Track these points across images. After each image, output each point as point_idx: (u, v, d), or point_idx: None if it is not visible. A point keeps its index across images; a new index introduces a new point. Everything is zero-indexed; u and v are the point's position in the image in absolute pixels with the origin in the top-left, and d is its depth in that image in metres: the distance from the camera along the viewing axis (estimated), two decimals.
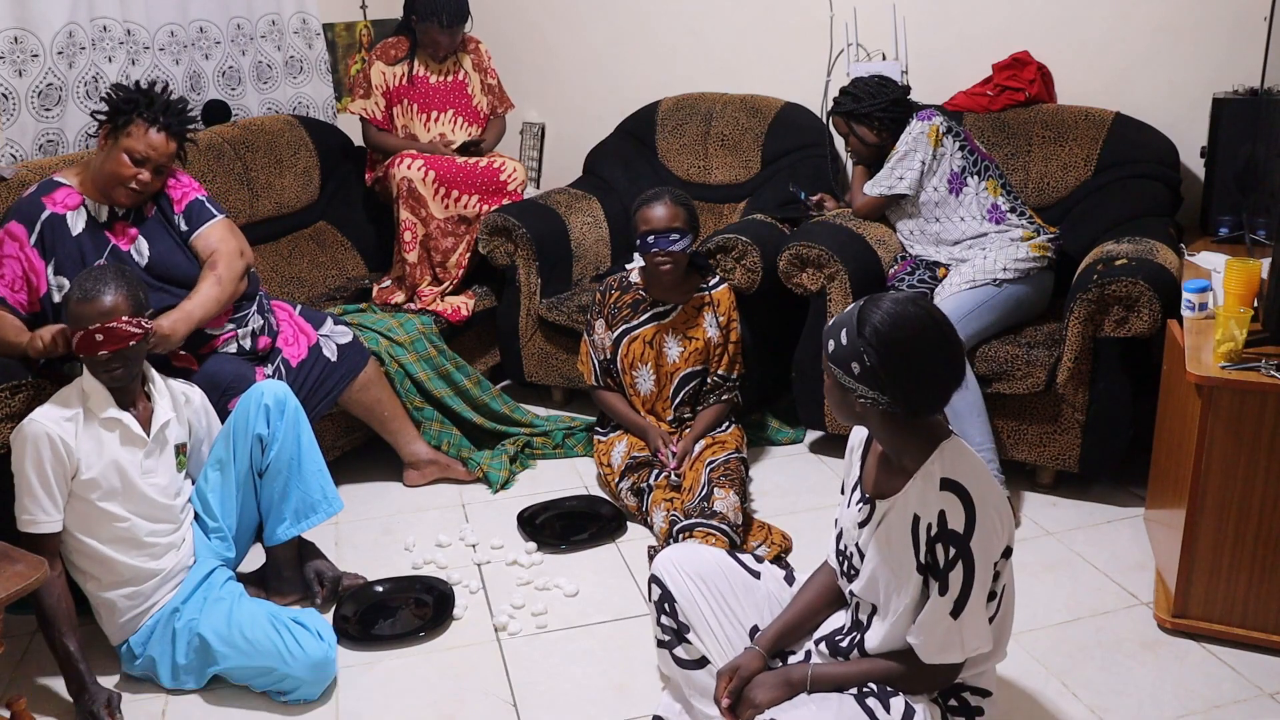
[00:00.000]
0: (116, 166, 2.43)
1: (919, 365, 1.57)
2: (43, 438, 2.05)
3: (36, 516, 2.07)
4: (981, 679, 1.74)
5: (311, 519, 2.41)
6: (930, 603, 1.60)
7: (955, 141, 2.99)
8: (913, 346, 1.56)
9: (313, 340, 2.86)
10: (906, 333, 1.56)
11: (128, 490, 2.15)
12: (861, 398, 1.60)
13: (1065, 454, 2.79)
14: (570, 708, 2.13)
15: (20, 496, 2.07)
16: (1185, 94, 3.21)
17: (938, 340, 1.59)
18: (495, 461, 3.12)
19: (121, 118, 2.43)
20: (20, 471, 2.06)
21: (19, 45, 2.95)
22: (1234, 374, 2.06)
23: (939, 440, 1.64)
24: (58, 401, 2.13)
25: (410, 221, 3.47)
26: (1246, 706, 2.06)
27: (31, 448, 2.05)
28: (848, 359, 1.59)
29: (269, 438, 2.35)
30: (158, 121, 2.45)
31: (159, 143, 2.45)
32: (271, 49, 3.82)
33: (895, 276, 3.02)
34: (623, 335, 2.98)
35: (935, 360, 1.59)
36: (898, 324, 1.56)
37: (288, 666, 2.11)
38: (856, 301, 1.65)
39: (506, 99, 3.81)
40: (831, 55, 3.71)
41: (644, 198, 2.90)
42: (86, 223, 2.46)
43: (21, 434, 2.06)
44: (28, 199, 2.45)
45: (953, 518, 1.57)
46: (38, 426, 2.05)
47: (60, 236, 2.42)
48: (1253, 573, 2.16)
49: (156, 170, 2.48)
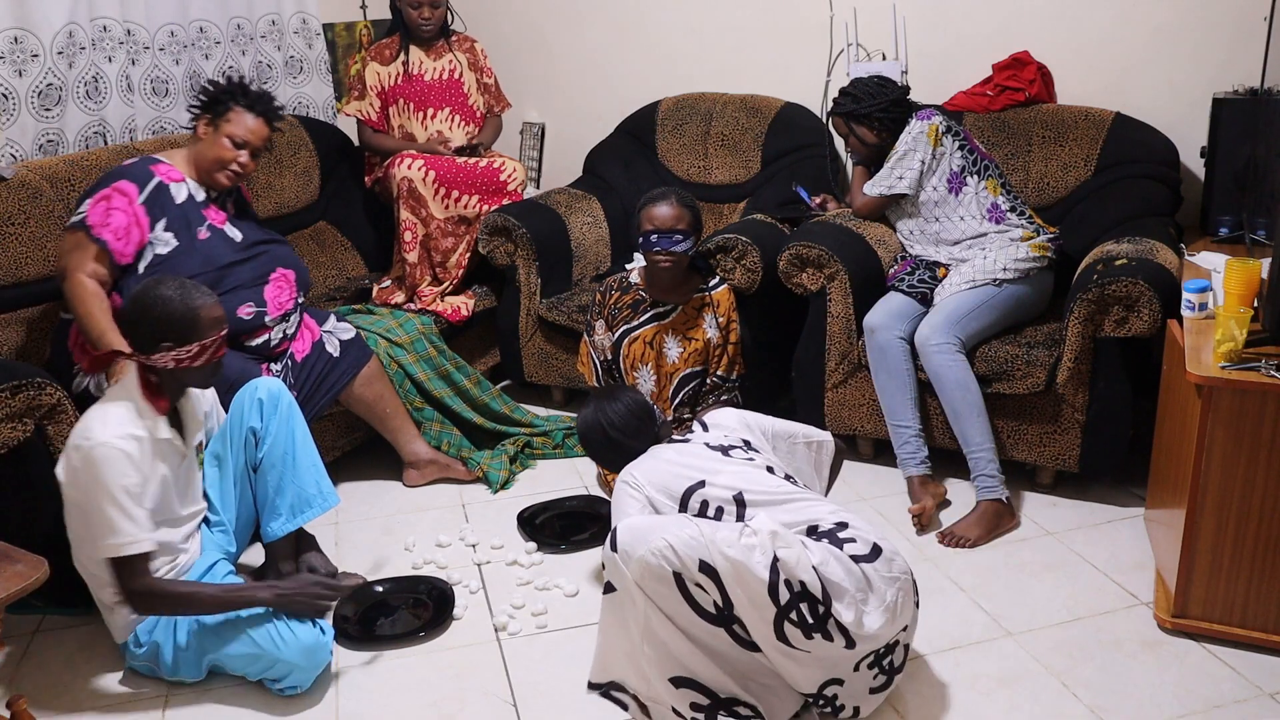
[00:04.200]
0: (220, 151, 2.67)
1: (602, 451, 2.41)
2: (121, 457, 2.02)
3: (137, 536, 2.04)
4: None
5: (307, 514, 2.41)
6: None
7: (955, 141, 2.99)
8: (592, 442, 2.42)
9: (316, 336, 2.87)
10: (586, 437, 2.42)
11: (165, 503, 2.15)
12: None
13: (1065, 454, 2.79)
14: (570, 708, 2.13)
15: (112, 521, 2.01)
16: (1185, 94, 3.21)
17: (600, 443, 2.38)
18: (495, 461, 3.12)
19: (221, 106, 2.68)
20: (107, 495, 2.00)
21: (19, 45, 2.95)
22: (1234, 374, 2.06)
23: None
24: (113, 419, 2.06)
25: (410, 221, 3.47)
26: (1246, 706, 2.06)
27: (112, 469, 2.01)
28: None
29: (262, 432, 2.35)
30: (254, 108, 2.71)
31: (257, 127, 2.71)
32: (271, 49, 3.82)
33: (895, 276, 3.02)
34: (623, 336, 2.97)
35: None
36: (580, 431, 2.41)
37: (279, 651, 2.11)
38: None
39: (503, 98, 3.80)
40: (831, 55, 3.71)
41: (650, 196, 2.90)
42: (188, 196, 2.68)
43: (93, 457, 2.00)
44: (134, 164, 2.64)
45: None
46: (113, 450, 2.01)
47: (167, 201, 2.63)
48: (1253, 573, 2.16)
49: (254, 153, 2.73)
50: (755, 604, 1.83)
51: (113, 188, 2.56)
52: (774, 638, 1.84)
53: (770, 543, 1.85)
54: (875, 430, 3.04)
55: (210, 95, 2.71)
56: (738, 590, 1.82)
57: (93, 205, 2.53)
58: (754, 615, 1.84)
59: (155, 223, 2.60)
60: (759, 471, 2.13)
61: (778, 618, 1.83)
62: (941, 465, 2.92)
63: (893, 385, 2.86)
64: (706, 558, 1.82)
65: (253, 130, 2.70)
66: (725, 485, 2.07)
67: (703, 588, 1.83)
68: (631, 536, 1.86)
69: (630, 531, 1.88)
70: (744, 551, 1.83)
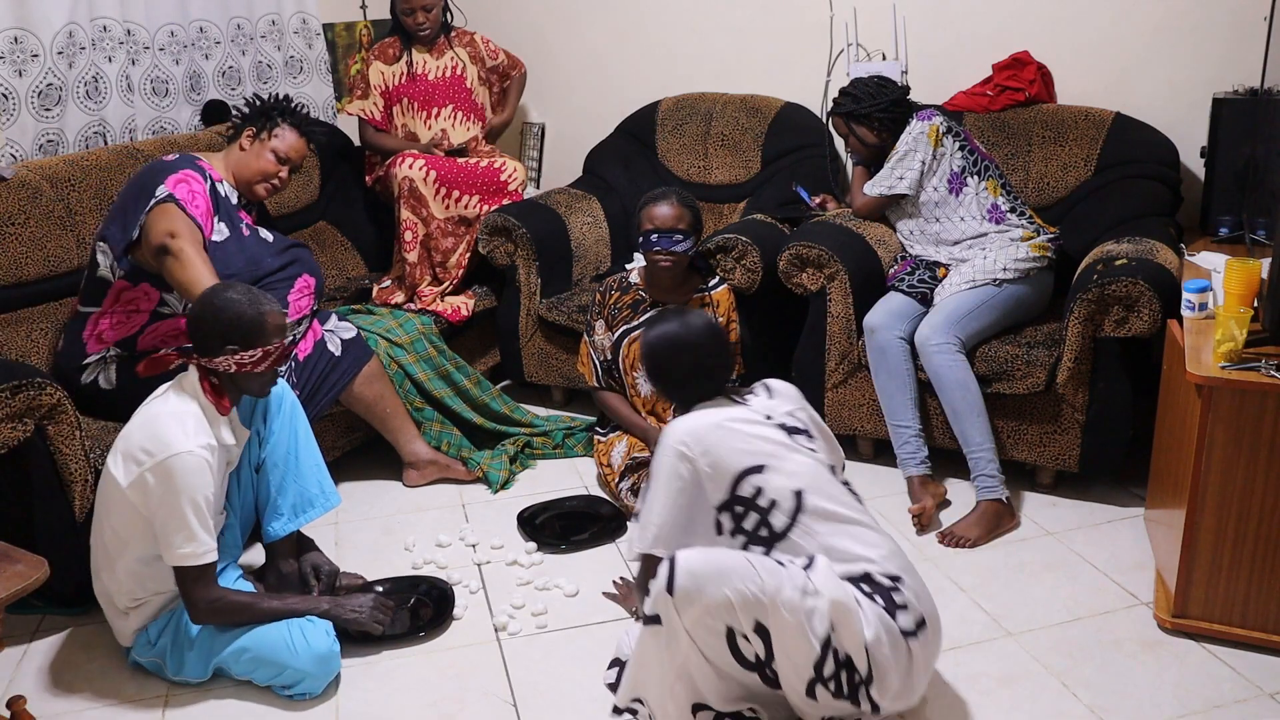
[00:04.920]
0: (264, 164, 2.77)
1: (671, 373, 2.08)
2: (205, 467, 2.03)
3: (211, 545, 2.06)
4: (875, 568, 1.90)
5: (309, 514, 2.41)
6: None
7: (955, 141, 2.99)
8: (663, 360, 2.08)
9: (318, 335, 2.87)
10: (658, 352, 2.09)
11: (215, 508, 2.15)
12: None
13: (1065, 454, 2.79)
14: (570, 708, 2.13)
15: (193, 529, 2.02)
16: (1185, 94, 3.21)
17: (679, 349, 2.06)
18: (495, 461, 3.12)
19: (270, 121, 2.79)
20: (191, 503, 2.02)
21: (19, 45, 2.95)
22: (1234, 374, 2.06)
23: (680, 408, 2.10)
24: (192, 427, 2.07)
25: (411, 221, 3.47)
26: (1246, 706, 2.06)
27: (198, 479, 2.02)
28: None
29: (265, 431, 2.35)
30: (299, 126, 2.83)
31: (299, 145, 2.83)
32: (271, 49, 3.82)
33: (895, 276, 3.02)
34: (623, 336, 2.97)
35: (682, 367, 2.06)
36: (653, 344, 2.09)
37: (292, 658, 2.11)
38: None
39: (517, 63, 3.86)
40: (831, 55, 3.71)
41: (651, 195, 2.90)
42: (226, 195, 2.76)
43: (178, 465, 2.01)
44: (182, 159, 2.68)
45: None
46: (198, 459, 2.02)
47: (217, 196, 2.71)
48: (1253, 573, 2.16)
49: (293, 170, 2.84)
50: (796, 667, 1.79)
51: (185, 173, 2.61)
52: (803, 693, 1.82)
53: (829, 613, 1.77)
54: (875, 430, 3.04)
55: (257, 109, 2.81)
56: (784, 654, 1.78)
57: (173, 184, 2.57)
58: (791, 674, 1.80)
59: (214, 212, 2.67)
60: (823, 470, 1.97)
61: (813, 681, 1.79)
62: (941, 465, 2.92)
63: (893, 385, 2.86)
64: (763, 619, 1.76)
65: (295, 148, 2.81)
66: (788, 477, 1.91)
67: (750, 642, 1.79)
68: (693, 584, 1.75)
69: (691, 577, 1.76)
70: (804, 617, 1.76)
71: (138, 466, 2.04)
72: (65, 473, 2.32)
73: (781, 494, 1.90)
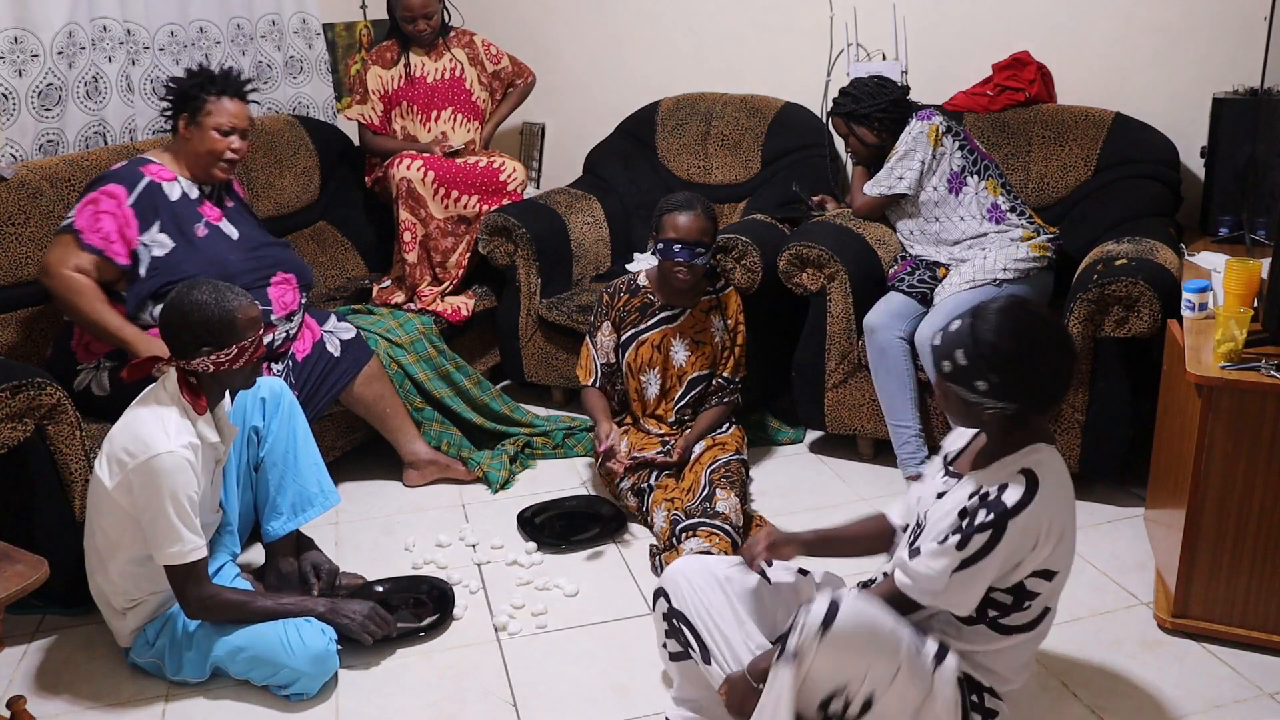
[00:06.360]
0: (209, 145, 2.63)
1: (1043, 370, 1.65)
2: (186, 467, 2.03)
3: (198, 543, 2.06)
4: (1002, 686, 1.78)
5: (308, 512, 2.41)
6: (943, 545, 1.65)
7: (955, 141, 2.99)
8: (1034, 355, 1.64)
9: (317, 336, 2.86)
10: (1026, 344, 1.64)
11: (203, 508, 2.15)
12: (989, 409, 1.67)
13: (1065, 454, 2.79)
14: (570, 708, 2.13)
15: (178, 529, 2.02)
16: (1185, 94, 3.21)
17: (1053, 338, 1.67)
18: (495, 461, 3.12)
19: (195, 101, 2.61)
20: (174, 502, 2.01)
21: (19, 45, 2.94)
22: (1234, 374, 2.05)
23: (1040, 441, 1.71)
24: (173, 427, 2.06)
25: (410, 222, 3.47)
26: (1246, 706, 2.06)
27: (180, 478, 2.02)
28: (970, 378, 1.66)
29: (264, 430, 2.35)
30: (227, 92, 2.64)
31: (237, 109, 2.66)
32: (271, 49, 3.82)
33: (895, 276, 3.02)
34: (630, 340, 2.97)
35: (1057, 361, 1.67)
36: (1015, 336, 1.64)
37: (288, 658, 2.11)
38: (959, 316, 1.70)
39: (524, 70, 3.82)
40: (831, 55, 3.71)
41: (675, 202, 2.84)
42: (181, 194, 2.65)
43: (159, 466, 2.00)
44: (124, 167, 2.61)
45: (1009, 494, 1.63)
46: (178, 459, 2.02)
47: (161, 201, 2.60)
48: (1253, 573, 2.16)
49: (243, 135, 2.68)
50: None
51: (100, 191, 2.54)
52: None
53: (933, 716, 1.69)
54: (875, 430, 3.04)
55: (179, 93, 2.64)
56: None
57: (80, 209, 2.52)
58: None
59: (148, 225, 2.56)
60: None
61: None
62: None
63: (893, 385, 2.86)
64: (876, 698, 1.67)
65: (235, 114, 2.64)
66: (1056, 592, 1.76)
67: (848, 706, 1.69)
68: (843, 637, 1.62)
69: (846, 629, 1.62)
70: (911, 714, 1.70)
71: (121, 468, 2.05)
72: (65, 473, 2.33)
73: (1044, 602, 1.73)
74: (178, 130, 2.65)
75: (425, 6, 3.54)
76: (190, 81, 2.63)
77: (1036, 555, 1.65)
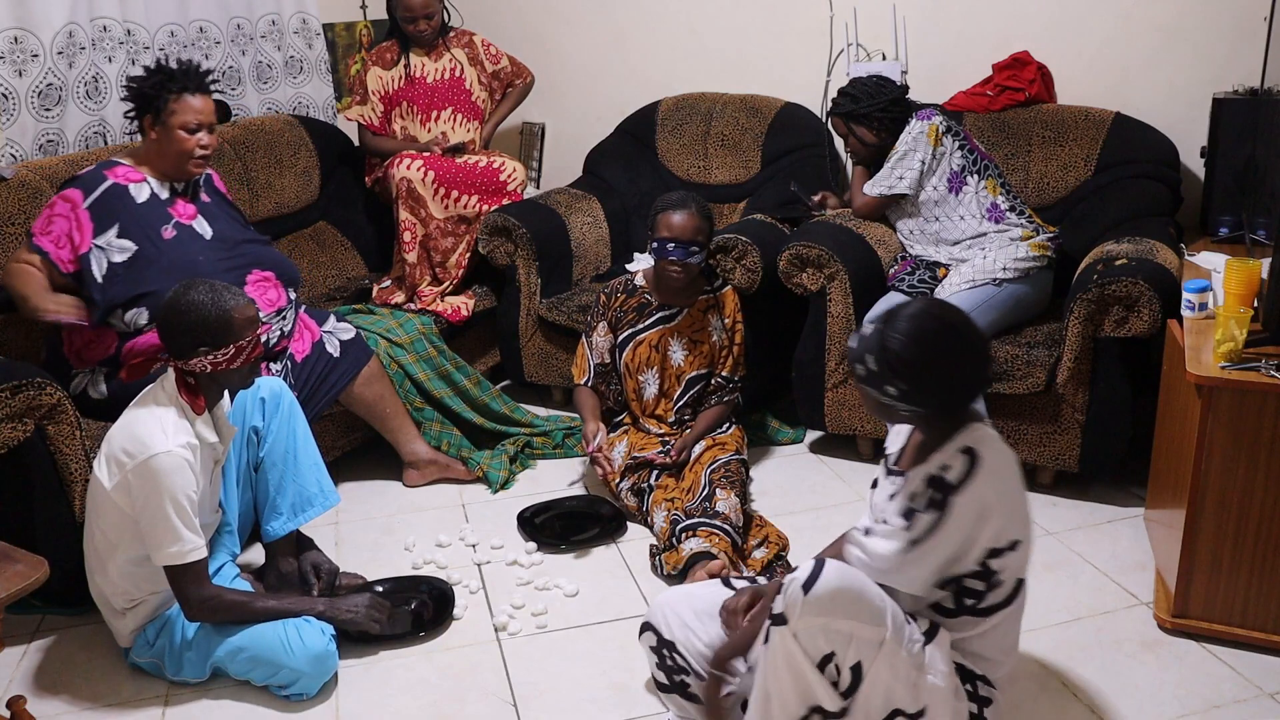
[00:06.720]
0: (179, 145, 2.57)
1: (950, 375, 1.67)
2: (184, 466, 2.03)
3: (197, 543, 2.06)
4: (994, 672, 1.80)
5: (308, 512, 2.41)
6: (893, 526, 1.69)
7: (955, 141, 2.99)
8: (940, 362, 1.66)
9: (316, 336, 2.86)
10: (931, 352, 1.66)
11: (202, 509, 2.15)
12: (903, 411, 1.71)
13: (1065, 454, 2.79)
14: (570, 708, 2.13)
15: (177, 529, 2.02)
16: (1185, 94, 3.21)
17: (960, 346, 1.69)
18: (495, 461, 3.12)
19: (157, 102, 2.55)
20: (173, 502, 2.01)
21: (19, 45, 2.95)
22: (1234, 374, 2.06)
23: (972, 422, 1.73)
24: (171, 428, 2.06)
25: (410, 222, 3.47)
26: (1246, 706, 2.06)
27: (179, 478, 2.02)
28: (880, 383, 1.69)
29: (264, 430, 2.35)
30: (188, 89, 2.58)
31: (202, 105, 2.60)
32: (271, 49, 3.82)
33: (895, 276, 3.02)
34: (628, 340, 2.97)
35: (963, 365, 1.69)
36: (920, 344, 1.65)
37: (288, 658, 2.11)
38: (875, 321, 1.72)
39: (523, 70, 3.82)
40: (831, 55, 3.71)
41: (670, 201, 2.85)
42: (150, 195, 2.61)
43: (157, 466, 2.00)
44: (89, 173, 2.58)
45: (952, 473, 1.66)
46: (176, 459, 2.02)
47: (125, 204, 2.55)
48: (1253, 573, 2.16)
49: (210, 129, 2.63)
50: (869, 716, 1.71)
51: (59, 195, 2.54)
52: None
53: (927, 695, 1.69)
54: (875, 430, 3.04)
55: (139, 94, 2.57)
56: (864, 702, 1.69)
57: (41, 213, 2.53)
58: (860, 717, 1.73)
59: (104, 229, 2.51)
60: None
61: None
62: None
63: None
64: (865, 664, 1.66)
65: (200, 111, 2.58)
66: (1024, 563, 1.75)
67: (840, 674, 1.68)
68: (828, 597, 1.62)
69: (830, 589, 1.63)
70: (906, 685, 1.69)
71: (120, 469, 2.05)
72: (65, 473, 2.33)
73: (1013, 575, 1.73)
74: (145, 132, 2.60)
75: (426, 7, 3.54)
76: (150, 81, 2.56)
77: (989, 529, 1.66)
